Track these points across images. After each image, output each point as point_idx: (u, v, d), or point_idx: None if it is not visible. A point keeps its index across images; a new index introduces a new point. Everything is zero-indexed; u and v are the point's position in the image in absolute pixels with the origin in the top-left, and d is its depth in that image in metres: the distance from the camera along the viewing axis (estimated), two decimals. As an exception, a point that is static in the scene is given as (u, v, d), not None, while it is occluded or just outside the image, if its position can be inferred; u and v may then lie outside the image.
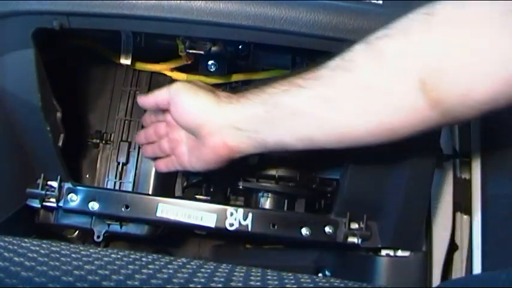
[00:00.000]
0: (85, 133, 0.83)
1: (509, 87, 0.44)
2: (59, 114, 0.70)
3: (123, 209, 0.69)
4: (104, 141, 0.82)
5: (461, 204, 0.78)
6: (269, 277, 0.48)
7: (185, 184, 0.83)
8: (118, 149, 0.81)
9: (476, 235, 0.74)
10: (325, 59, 0.53)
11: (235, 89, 0.85)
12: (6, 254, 0.43)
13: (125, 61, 0.77)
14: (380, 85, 0.49)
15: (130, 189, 0.81)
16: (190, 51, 0.70)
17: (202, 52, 0.70)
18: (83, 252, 0.48)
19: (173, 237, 0.88)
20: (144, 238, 0.79)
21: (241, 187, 0.77)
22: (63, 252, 0.47)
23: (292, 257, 0.83)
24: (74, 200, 0.70)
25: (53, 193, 0.69)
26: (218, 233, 0.79)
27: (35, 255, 0.44)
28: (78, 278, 0.38)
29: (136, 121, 0.82)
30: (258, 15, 0.58)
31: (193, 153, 0.62)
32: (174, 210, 0.69)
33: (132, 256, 0.49)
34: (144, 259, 0.48)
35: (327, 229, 0.69)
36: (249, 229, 0.69)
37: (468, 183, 0.77)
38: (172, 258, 0.51)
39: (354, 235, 0.69)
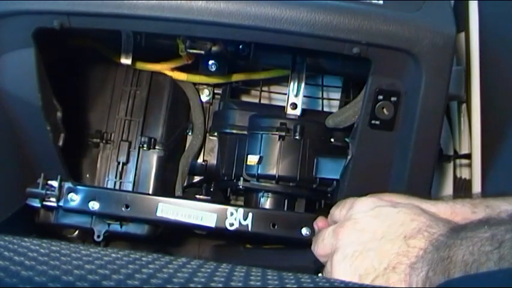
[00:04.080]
0: (85, 133, 0.83)
1: None
2: (59, 114, 0.70)
3: (123, 209, 0.69)
4: (104, 141, 0.82)
5: (461, 204, 0.78)
6: (269, 277, 0.48)
7: (185, 184, 0.83)
8: (118, 149, 0.81)
9: (476, 235, 0.74)
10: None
11: (235, 89, 0.85)
12: (6, 253, 0.43)
13: (125, 61, 0.77)
14: None
15: (130, 189, 0.80)
16: (191, 50, 0.70)
17: (202, 52, 0.70)
18: (83, 252, 0.48)
19: (173, 237, 0.88)
20: (144, 238, 0.78)
21: (241, 187, 0.77)
22: (63, 251, 0.47)
23: (292, 257, 0.83)
24: (74, 200, 0.70)
25: (53, 192, 0.69)
26: (218, 233, 0.79)
27: (35, 254, 0.44)
28: (78, 278, 0.38)
29: (137, 121, 0.82)
30: (259, 15, 0.58)
31: None
32: (174, 210, 0.69)
33: (132, 256, 0.49)
34: (144, 259, 0.48)
35: (327, 229, 0.69)
36: (249, 229, 0.69)
37: (468, 183, 0.77)
38: (172, 258, 0.51)
39: (353, 235, 0.69)
